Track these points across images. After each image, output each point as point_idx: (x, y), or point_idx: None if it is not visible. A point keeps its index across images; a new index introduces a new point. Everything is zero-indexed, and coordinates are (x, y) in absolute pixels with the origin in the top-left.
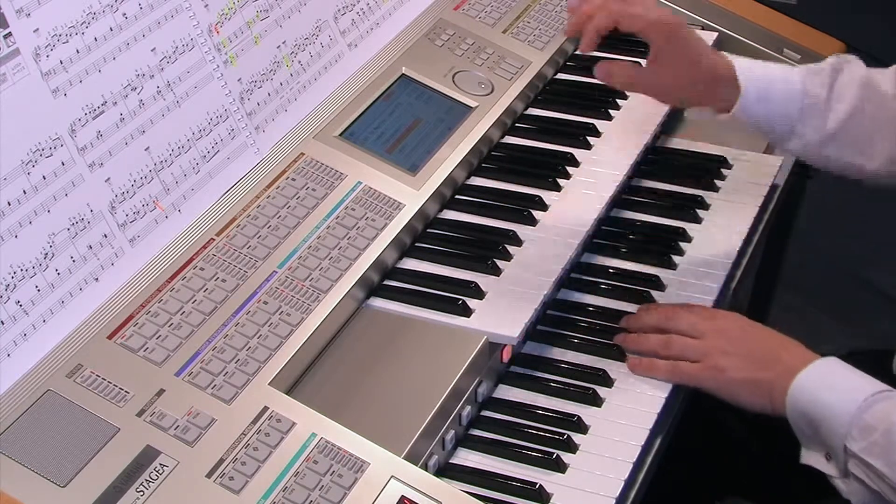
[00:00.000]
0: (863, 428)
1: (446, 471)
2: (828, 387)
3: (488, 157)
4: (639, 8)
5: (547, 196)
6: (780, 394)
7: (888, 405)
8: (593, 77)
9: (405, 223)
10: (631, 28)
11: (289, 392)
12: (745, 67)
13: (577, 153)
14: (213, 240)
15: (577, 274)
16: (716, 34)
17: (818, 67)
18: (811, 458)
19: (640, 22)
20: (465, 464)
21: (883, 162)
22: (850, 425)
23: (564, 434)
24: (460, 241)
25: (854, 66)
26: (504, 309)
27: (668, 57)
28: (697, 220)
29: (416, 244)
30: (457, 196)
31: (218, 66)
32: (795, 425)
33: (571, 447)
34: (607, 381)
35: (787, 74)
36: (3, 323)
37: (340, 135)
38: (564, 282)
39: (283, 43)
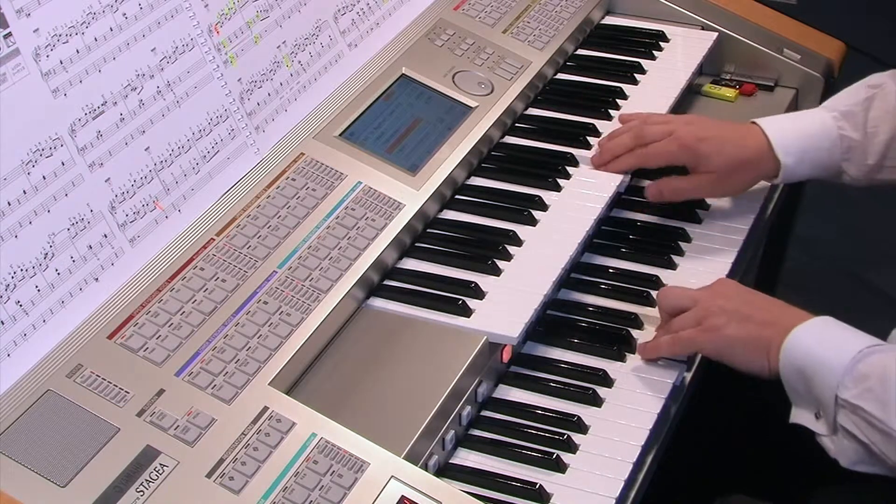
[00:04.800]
0: (857, 377)
1: (446, 471)
2: (823, 340)
3: (488, 157)
4: (659, 145)
5: (547, 196)
6: (775, 350)
7: (884, 356)
8: (594, 78)
9: (405, 223)
10: (658, 164)
11: (289, 392)
12: (778, 133)
13: (577, 153)
14: (213, 240)
15: (577, 274)
16: (716, 34)
17: (849, 107)
18: (801, 416)
19: (664, 157)
20: (465, 464)
21: None
22: (844, 375)
23: (564, 434)
24: (460, 241)
25: (888, 89)
26: (504, 309)
27: (703, 167)
28: (697, 220)
29: (416, 244)
30: (457, 196)
31: (218, 66)
32: (788, 381)
33: (571, 447)
34: (607, 381)
35: (821, 124)
36: (3, 323)
37: (340, 135)
38: (564, 282)
39: (283, 43)
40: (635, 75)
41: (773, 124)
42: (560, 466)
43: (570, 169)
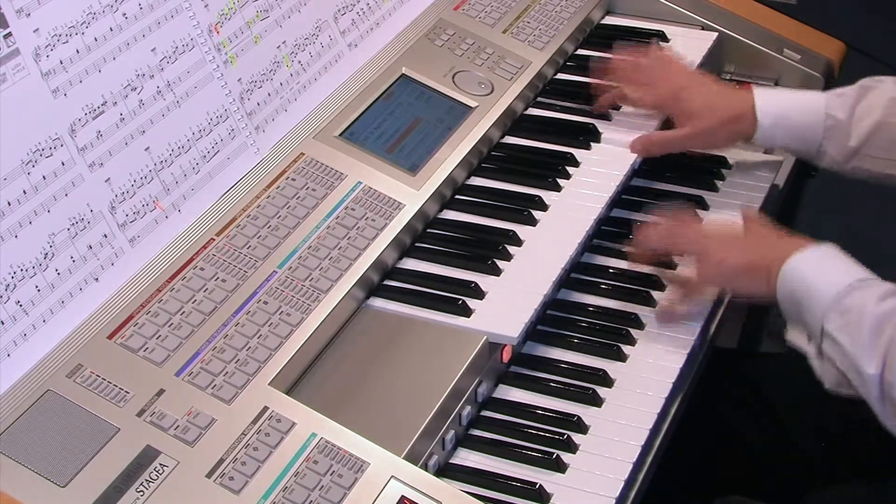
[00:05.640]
0: (841, 310)
1: (446, 471)
2: (816, 269)
3: (488, 157)
4: (643, 89)
5: (547, 196)
6: (774, 275)
7: (868, 292)
8: (593, 78)
9: (405, 223)
10: (635, 105)
11: (289, 392)
12: (765, 97)
13: (577, 153)
14: (213, 240)
15: (577, 274)
16: (716, 34)
17: (843, 90)
18: (794, 337)
19: (644, 102)
20: (465, 464)
21: None
22: (829, 307)
23: (564, 434)
24: (460, 241)
25: (886, 86)
26: (504, 309)
27: (683, 117)
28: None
29: (416, 244)
30: (457, 196)
31: (218, 66)
32: (783, 305)
33: (571, 447)
34: (607, 381)
35: (811, 99)
36: (3, 323)
37: (340, 135)
38: (564, 282)
39: (283, 43)
40: None
41: (765, 91)
42: (560, 466)
43: (570, 169)
